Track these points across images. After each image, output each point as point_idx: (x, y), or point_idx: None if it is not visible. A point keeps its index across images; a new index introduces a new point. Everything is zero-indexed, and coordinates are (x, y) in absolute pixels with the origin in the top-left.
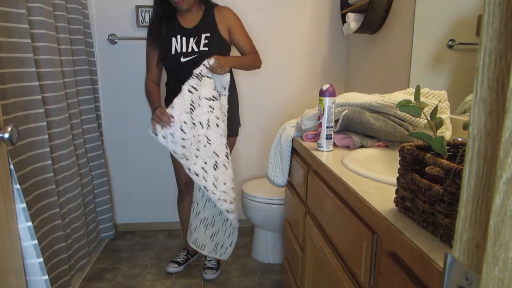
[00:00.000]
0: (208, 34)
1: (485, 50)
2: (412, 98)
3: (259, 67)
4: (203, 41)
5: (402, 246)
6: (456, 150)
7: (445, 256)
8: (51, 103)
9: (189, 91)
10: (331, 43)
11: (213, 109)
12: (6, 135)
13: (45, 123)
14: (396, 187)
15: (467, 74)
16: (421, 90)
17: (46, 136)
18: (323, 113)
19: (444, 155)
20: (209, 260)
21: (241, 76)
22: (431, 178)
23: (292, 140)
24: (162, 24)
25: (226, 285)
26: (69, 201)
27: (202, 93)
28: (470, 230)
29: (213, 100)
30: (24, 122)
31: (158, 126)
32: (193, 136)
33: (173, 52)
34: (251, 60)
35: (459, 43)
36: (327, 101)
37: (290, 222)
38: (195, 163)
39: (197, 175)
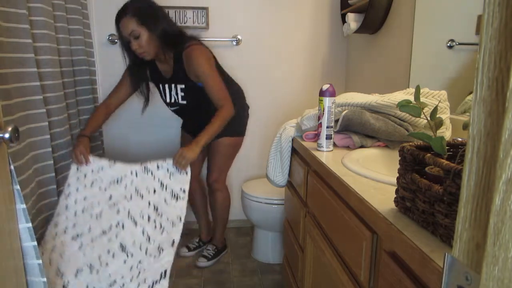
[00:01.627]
0: (183, 86)
1: (485, 50)
2: (412, 98)
3: (229, 117)
4: (180, 93)
5: (402, 246)
6: (456, 150)
7: (445, 256)
8: (52, 103)
9: (131, 172)
10: (331, 43)
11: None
12: (7, 135)
13: (47, 123)
14: (396, 187)
15: (467, 74)
16: (421, 90)
17: (48, 136)
18: (323, 113)
19: (444, 155)
20: (207, 249)
21: (241, 76)
22: (431, 178)
23: (292, 140)
24: (140, 68)
25: (226, 285)
26: None
27: (139, 185)
28: (470, 230)
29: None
30: (25, 122)
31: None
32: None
33: (164, 100)
34: (223, 118)
35: (459, 43)
36: (327, 101)
37: (290, 222)
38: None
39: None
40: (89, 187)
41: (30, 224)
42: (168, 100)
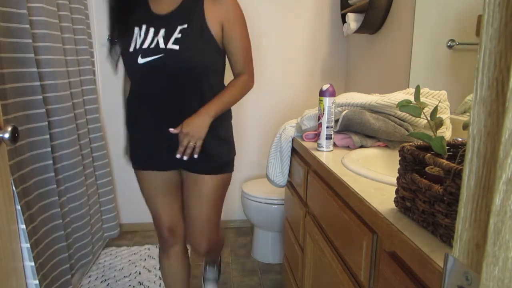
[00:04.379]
0: (185, 26)
1: (485, 50)
2: (412, 98)
3: (249, 89)
4: (175, 35)
5: (402, 246)
6: (456, 150)
7: (445, 256)
8: (53, 103)
9: None
10: (331, 43)
11: None
12: (6, 135)
13: (46, 123)
14: (396, 187)
15: (467, 74)
16: (421, 90)
17: (47, 136)
18: (323, 113)
19: (444, 155)
20: (212, 272)
21: None
22: (431, 178)
23: (292, 140)
24: (126, 10)
25: (226, 285)
26: (70, 200)
27: None
28: (470, 230)
29: None
30: (25, 122)
31: None
32: None
33: (131, 49)
34: (244, 87)
35: (459, 43)
36: (327, 101)
37: (290, 222)
38: None
39: None
40: None
41: (23, 226)
42: (145, 45)
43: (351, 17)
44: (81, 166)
